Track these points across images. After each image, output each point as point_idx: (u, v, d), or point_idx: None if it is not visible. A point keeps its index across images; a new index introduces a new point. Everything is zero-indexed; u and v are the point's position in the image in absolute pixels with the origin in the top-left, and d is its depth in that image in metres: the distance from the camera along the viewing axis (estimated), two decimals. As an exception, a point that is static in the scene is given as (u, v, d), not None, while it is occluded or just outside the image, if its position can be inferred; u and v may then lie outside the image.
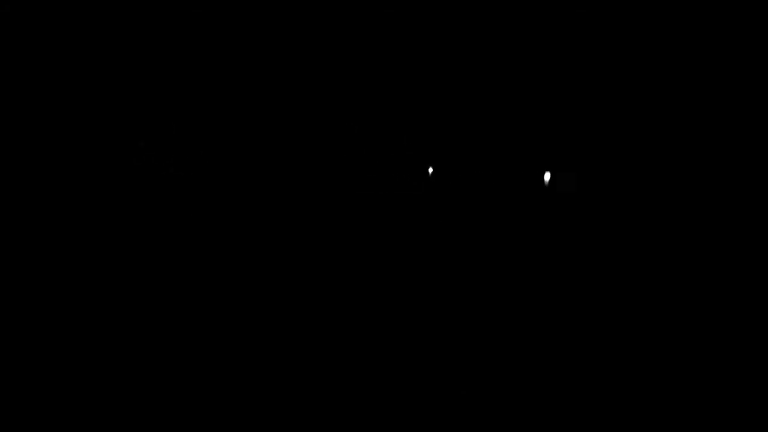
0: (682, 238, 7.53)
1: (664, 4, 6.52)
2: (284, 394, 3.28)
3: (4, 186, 6.51)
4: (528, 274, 7.36)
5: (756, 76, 6.83)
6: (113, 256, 6.51)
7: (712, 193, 7.31)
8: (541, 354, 4.36)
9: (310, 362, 3.87)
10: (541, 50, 7.71)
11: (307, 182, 8.23)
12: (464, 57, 7.85)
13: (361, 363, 3.92)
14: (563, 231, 8.44)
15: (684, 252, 7.36)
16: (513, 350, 4.41)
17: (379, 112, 8.21)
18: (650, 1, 6.59)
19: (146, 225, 7.17)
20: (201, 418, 2.92)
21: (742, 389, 3.72)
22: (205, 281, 6.24)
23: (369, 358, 4.03)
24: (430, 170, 6.68)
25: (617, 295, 6.49)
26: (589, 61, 7.69)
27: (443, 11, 7.44)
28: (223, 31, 7.25)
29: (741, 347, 4.68)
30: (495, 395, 3.45)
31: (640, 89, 7.65)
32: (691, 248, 7.37)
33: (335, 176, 8.35)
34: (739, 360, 4.34)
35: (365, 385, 3.50)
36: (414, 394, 3.39)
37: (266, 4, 7.20)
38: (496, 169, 8.57)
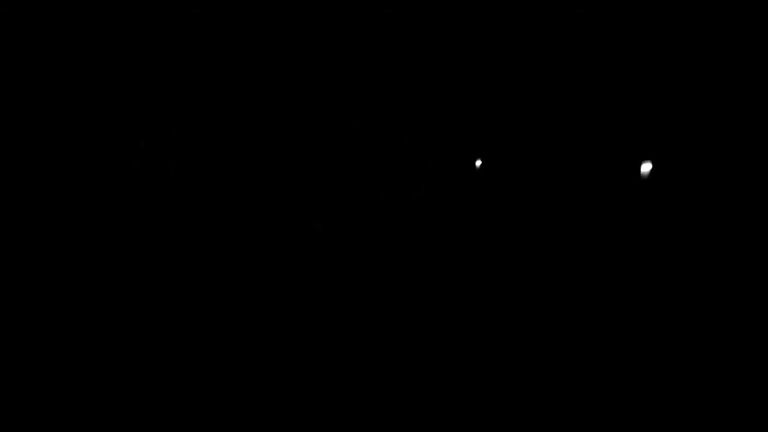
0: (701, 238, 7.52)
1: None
2: (284, 394, 3.28)
3: (4, 186, 6.51)
4: (526, 274, 7.34)
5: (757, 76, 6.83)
6: (113, 256, 6.51)
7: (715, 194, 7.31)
8: (540, 354, 4.35)
9: (311, 362, 3.87)
10: (542, 50, 7.70)
11: (307, 182, 8.23)
12: (465, 57, 7.84)
13: (362, 363, 3.91)
14: (563, 231, 8.42)
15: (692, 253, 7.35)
16: (512, 350, 4.40)
17: (379, 112, 8.20)
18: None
19: (146, 225, 7.17)
20: (201, 417, 2.92)
21: (742, 389, 3.71)
22: (206, 281, 6.23)
23: (369, 359, 4.03)
24: (478, 163, 6.50)
25: (617, 295, 6.47)
26: (590, 59, 7.68)
27: (443, 11, 7.43)
28: (223, 31, 7.24)
29: (743, 347, 4.67)
30: (495, 395, 3.44)
31: (645, 90, 7.64)
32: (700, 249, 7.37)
33: (335, 176, 8.35)
34: (739, 360, 4.34)
35: (366, 386, 3.49)
36: (414, 394, 3.38)
37: (266, 4, 7.19)
38: (496, 168, 8.56)
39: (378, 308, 5.54)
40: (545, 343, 4.68)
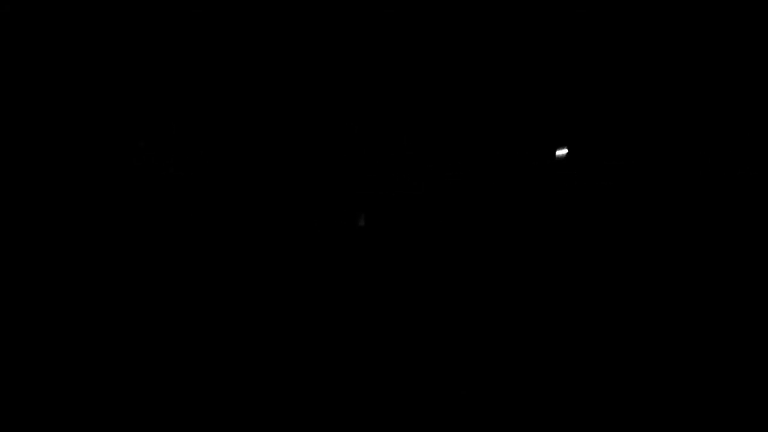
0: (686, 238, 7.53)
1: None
2: (284, 395, 3.27)
3: (3, 186, 6.51)
4: (527, 276, 7.33)
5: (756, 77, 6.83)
6: (112, 257, 6.50)
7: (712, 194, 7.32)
8: (540, 354, 4.35)
9: (310, 363, 3.87)
10: (543, 49, 7.70)
11: (307, 182, 8.23)
12: (466, 56, 7.84)
13: (362, 364, 3.91)
14: (564, 233, 8.42)
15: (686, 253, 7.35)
16: (512, 351, 4.40)
17: (379, 112, 8.21)
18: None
19: (146, 225, 7.16)
20: (200, 418, 2.91)
21: (742, 389, 3.71)
22: (205, 282, 6.22)
23: (369, 359, 4.02)
24: (562, 151, 6.21)
25: (617, 295, 6.46)
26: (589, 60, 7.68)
27: (444, 11, 7.44)
28: (223, 30, 7.25)
29: (741, 347, 4.67)
30: (495, 395, 3.44)
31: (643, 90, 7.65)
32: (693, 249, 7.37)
33: (335, 176, 8.35)
34: (739, 360, 4.33)
35: (365, 386, 3.49)
36: (414, 394, 3.38)
37: (266, 4, 7.20)
38: (497, 169, 8.57)
39: (378, 309, 5.54)
40: (545, 344, 4.68)
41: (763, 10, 6.52)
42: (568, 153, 7.15)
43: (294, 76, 7.82)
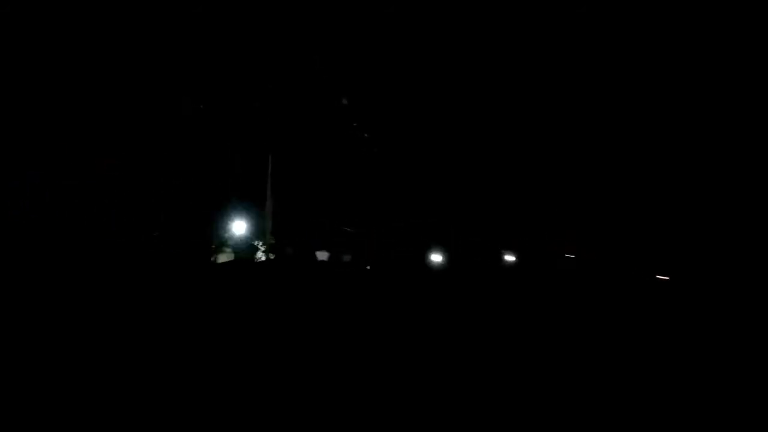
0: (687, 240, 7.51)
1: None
2: (284, 395, 3.26)
3: (2, 186, 6.50)
4: (529, 277, 7.32)
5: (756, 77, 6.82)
6: (112, 257, 6.49)
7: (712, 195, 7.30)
8: (540, 355, 4.34)
9: (310, 364, 3.86)
10: (542, 50, 7.70)
11: (308, 183, 8.22)
12: (467, 58, 7.84)
13: (361, 364, 3.90)
14: (563, 234, 8.41)
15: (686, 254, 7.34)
16: (513, 351, 4.39)
17: (380, 113, 8.20)
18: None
19: (146, 226, 7.15)
20: (199, 418, 2.90)
21: (742, 389, 3.71)
22: (205, 283, 6.22)
23: (369, 360, 4.02)
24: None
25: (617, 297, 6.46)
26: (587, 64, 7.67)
27: (445, 12, 7.43)
28: (222, 32, 7.24)
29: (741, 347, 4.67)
30: (495, 395, 3.43)
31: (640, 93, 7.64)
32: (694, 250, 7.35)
33: (336, 178, 8.34)
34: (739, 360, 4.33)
35: (365, 386, 3.48)
36: (414, 394, 3.37)
37: (266, 4, 7.20)
38: (497, 172, 8.56)
39: (378, 309, 5.53)
40: (545, 345, 4.67)
41: (763, 10, 6.51)
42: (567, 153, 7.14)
43: (294, 77, 7.80)
